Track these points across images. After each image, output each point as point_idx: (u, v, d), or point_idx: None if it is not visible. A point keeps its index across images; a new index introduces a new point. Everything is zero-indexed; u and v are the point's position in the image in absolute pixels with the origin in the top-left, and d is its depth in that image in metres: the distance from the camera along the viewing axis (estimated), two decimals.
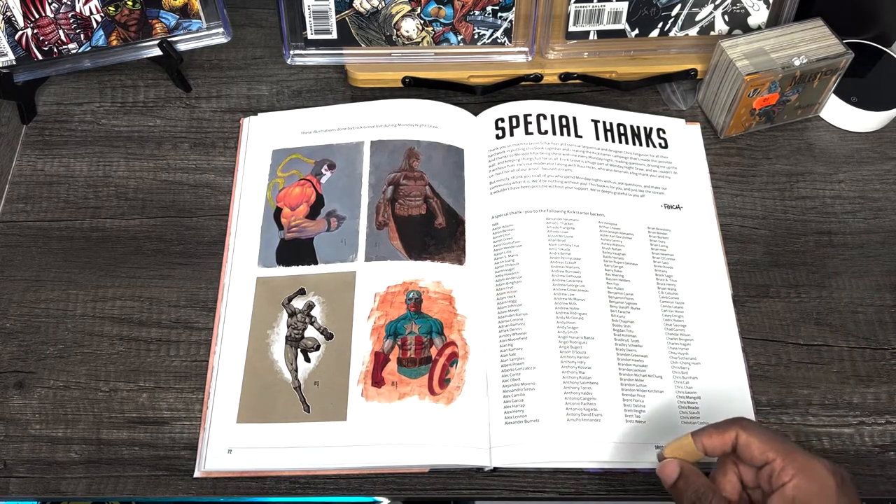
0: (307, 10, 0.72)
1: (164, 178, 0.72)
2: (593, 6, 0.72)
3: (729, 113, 0.72)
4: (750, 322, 0.65)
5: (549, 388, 0.59)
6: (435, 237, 0.66)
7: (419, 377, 0.60)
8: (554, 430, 0.58)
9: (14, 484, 0.58)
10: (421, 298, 0.63)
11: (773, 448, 0.49)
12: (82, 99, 0.77)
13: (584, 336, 0.61)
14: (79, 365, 0.62)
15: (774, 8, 0.74)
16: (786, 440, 0.50)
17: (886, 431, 0.60)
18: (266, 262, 0.66)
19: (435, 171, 0.69)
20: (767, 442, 0.49)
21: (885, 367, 0.63)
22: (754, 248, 0.68)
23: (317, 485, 0.58)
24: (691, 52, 0.76)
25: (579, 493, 0.58)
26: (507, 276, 0.64)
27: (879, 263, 0.68)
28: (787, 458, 0.49)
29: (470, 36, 0.74)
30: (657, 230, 0.67)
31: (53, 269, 0.67)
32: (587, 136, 0.71)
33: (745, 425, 0.51)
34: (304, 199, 0.69)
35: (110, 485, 0.58)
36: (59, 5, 0.70)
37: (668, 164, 0.72)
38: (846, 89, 0.73)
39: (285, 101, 0.77)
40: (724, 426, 0.51)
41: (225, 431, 0.59)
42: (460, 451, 0.57)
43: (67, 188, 0.72)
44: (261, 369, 0.61)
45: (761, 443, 0.49)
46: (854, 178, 0.72)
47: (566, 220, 0.66)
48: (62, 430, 0.60)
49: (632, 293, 0.64)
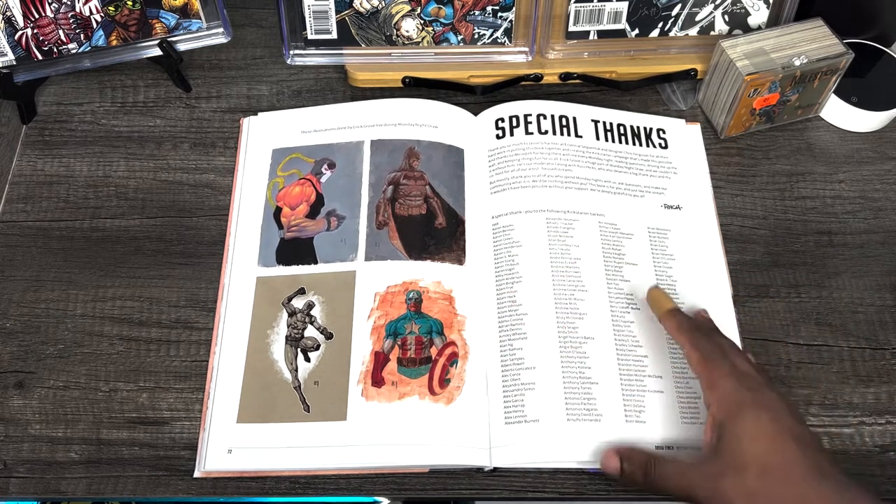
0: (307, 10, 0.72)
1: (164, 178, 0.72)
2: (593, 6, 0.72)
3: (729, 113, 0.72)
4: (750, 322, 0.65)
5: (549, 388, 0.59)
6: (435, 237, 0.66)
7: (419, 377, 0.60)
8: (554, 430, 0.58)
9: (14, 484, 0.58)
10: (421, 298, 0.63)
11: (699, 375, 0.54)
12: (82, 99, 0.77)
13: (584, 336, 0.61)
14: (79, 365, 0.62)
15: (774, 8, 0.74)
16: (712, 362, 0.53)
17: (886, 431, 0.60)
18: (266, 262, 0.66)
19: (435, 170, 0.69)
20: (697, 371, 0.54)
21: (885, 367, 0.63)
22: (754, 248, 0.68)
23: (317, 485, 0.58)
24: (691, 52, 0.76)
25: (579, 493, 0.58)
26: (507, 276, 0.64)
27: (879, 263, 0.68)
28: (707, 389, 0.53)
29: (470, 36, 0.74)
30: (657, 230, 0.67)
31: (53, 269, 0.67)
32: (587, 137, 0.71)
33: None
34: (304, 199, 0.69)
35: (110, 485, 0.58)
36: (59, 5, 0.70)
37: (669, 165, 0.72)
38: (846, 89, 0.73)
39: (285, 101, 0.77)
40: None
41: (225, 431, 0.59)
42: (460, 451, 0.57)
43: (67, 188, 0.72)
44: (261, 369, 0.61)
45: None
46: (854, 178, 0.72)
47: (566, 219, 0.66)
48: (62, 430, 0.60)
49: (632, 293, 0.64)
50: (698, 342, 0.55)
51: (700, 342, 0.55)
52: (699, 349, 0.54)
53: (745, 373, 0.52)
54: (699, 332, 0.56)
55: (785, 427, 0.49)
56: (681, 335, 0.56)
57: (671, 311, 0.58)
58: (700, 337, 0.55)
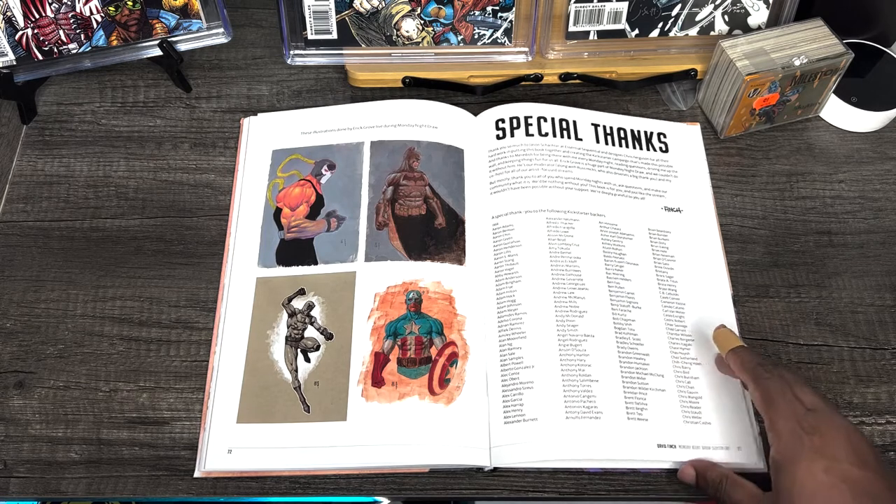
0: (307, 10, 0.72)
1: (164, 178, 0.72)
2: (593, 6, 0.72)
3: (729, 113, 0.72)
4: (750, 322, 0.65)
5: (548, 387, 0.59)
6: (435, 237, 0.66)
7: (419, 377, 0.60)
8: (553, 428, 0.58)
9: (14, 484, 0.58)
10: (421, 298, 0.63)
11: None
12: (82, 99, 0.77)
13: (584, 334, 0.61)
14: (79, 365, 0.62)
15: (774, 8, 0.74)
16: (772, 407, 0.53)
17: (886, 431, 0.60)
18: (266, 263, 0.66)
19: (435, 171, 0.69)
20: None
21: (885, 367, 0.63)
22: (754, 248, 0.68)
23: (317, 485, 0.58)
24: (691, 52, 0.76)
25: (579, 493, 0.58)
26: (507, 276, 0.64)
27: (879, 263, 0.68)
28: (769, 430, 0.53)
29: (470, 36, 0.74)
30: (658, 232, 0.67)
31: (53, 269, 0.67)
32: (587, 139, 0.71)
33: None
34: (304, 200, 0.69)
35: (110, 485, 0.58)
36: (59, 5, 0.70)
37: (669, 168, 0.72)
38: (846, 89, 0.73)
39: (285, 101, 0.77)
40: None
41: (225, 431, 0.59)
42: (460, 450, 0.57)
43: (67, 188, 0.72)
44: (261, 369, 0.61)
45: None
46: (854, 178, 0.72)
47: (566, 219, 0.66)
48: (62, 430, 0.60)
49: (633, 292, 0.64)
50: (760, 379, 0.54)
51: (762, 379, 0.54)
52: (761, 388, 0.53)
53: (808, 410, 0.51)
54: (761, 369, 0.54)
55: (839, 477, 0.48)
56: (744, 373, 0.55)
57: (736, 350, 0.57)
58: (762, 373, 0.54)
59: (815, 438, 0.50)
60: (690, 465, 0.57)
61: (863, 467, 0.49)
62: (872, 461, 0.49)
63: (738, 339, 0.58)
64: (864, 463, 0.49)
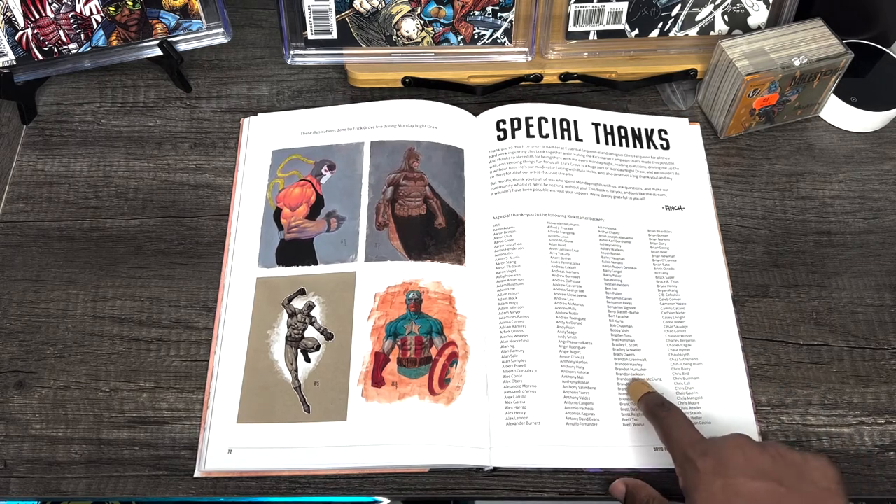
0: (307, 10, 0.72)
1: (164, 178, 0.72)
2: (593, 6, 0.72)
3: (729, 113, 0.72)
4: (750, 322, 0.65)
5: (550, 392, 0.59)
6: (435, 237, 0.66)
7: (419, 377, 0.60)
8: (554, 433, 0.58)
9: (14, 484, 0.58)
10: (421, 298, 0.63)
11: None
12: (82, 99, 0.77)
13: (582, 341, 0.62)
14: (79, 365, 0.63)
15: (774, 8, 0.74)
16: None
17: (886, 431, 0.60)
18: (266, 263, 0.66)
19: (435, 171, 0.69)
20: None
21: (885, 367, 0.63)
22: (754, 248, 0.68)
23: (317, 485, 0.58)
24: (691, 52, 0.76)
25: (579, 493, 0.58)
26: (509, 278, 0.64)
27: (879, 263, 0.68)
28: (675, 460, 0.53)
29: (470, 36, 0.74)
30: (658, 232, 0.67)
31: (54, 269, 0.67)
32: (588, 140, 0.71)
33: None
34: (304, 200, 0.69)
35: (110, 485, 0.58)
36: (59, 5, 0.70)
37: (671, 165, 0.72)
38: (846, 89, 0.73)
39: (285, 101, 0.77)
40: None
41: (225, 431, 0.59)
42: (460, 450, 0.57)
43: (68, 188, 0.72)
44: (261, 369, 0.61)
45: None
46: (854, 178, 0.72)
47: (566, 224, 0.67)
48: (62, 430, 0.60)
49: (630, 298, 0.64)
50: (658, 417, 0.56)
51: (660, 417, 0.56)
52: (660, 425, 0.55)
53: (701, 438, 0.53)
54: (659, 408, 0.56)
55: (733, 492, 0.48)
56: (648, 414, 0.57)
57: (643, 396, 0.58)
58: (660, 412, 0.56)
59: (708, 460, 0.50)
60: (622, 481, 0.57)
61: (759, 478, 0.48)
62: (770, 470, 0.49)
63: (649, 387, 0.59)
64: (761, 473, 0.49)
